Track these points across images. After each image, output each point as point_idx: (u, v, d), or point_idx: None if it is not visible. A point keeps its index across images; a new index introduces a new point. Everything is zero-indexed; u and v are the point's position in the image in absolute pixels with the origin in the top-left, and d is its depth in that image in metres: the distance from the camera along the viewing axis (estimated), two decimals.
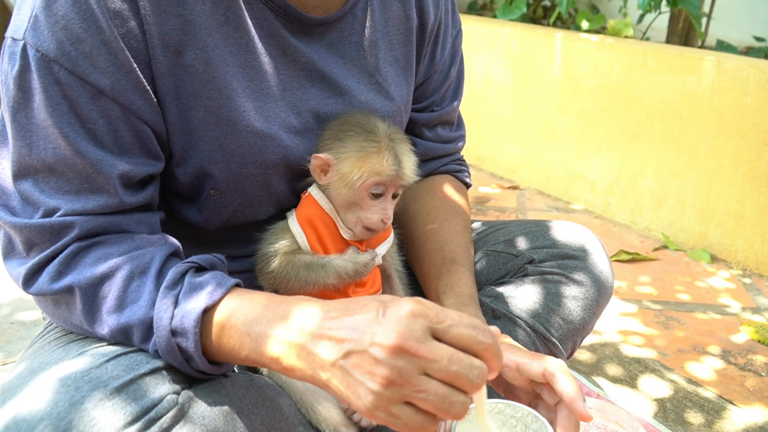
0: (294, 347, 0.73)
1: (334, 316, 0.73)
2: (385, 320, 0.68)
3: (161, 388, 0.78)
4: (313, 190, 1.03)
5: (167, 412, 0.76)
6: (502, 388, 0.92)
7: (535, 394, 0.88)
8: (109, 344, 0.83)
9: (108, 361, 0.78)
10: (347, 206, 1.00)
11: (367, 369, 0.67)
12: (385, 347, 0.67)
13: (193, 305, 0.78)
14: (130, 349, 0.81)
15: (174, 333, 0.78)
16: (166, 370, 0.81)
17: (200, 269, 0.85)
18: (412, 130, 1.25)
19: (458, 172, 1.31)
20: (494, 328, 0.74)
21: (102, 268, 0.81)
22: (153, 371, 0.79)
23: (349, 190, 0.98)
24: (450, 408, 0.67)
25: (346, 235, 1.02)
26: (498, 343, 0.71)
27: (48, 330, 0.95)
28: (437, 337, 0.69)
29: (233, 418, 0.84)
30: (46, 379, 0.75)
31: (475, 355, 0.69)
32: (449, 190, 1.25)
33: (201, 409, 0.81)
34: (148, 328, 0.80)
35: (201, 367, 0.81)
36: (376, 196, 0.99)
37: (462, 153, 1.35)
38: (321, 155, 0.97)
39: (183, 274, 0.82)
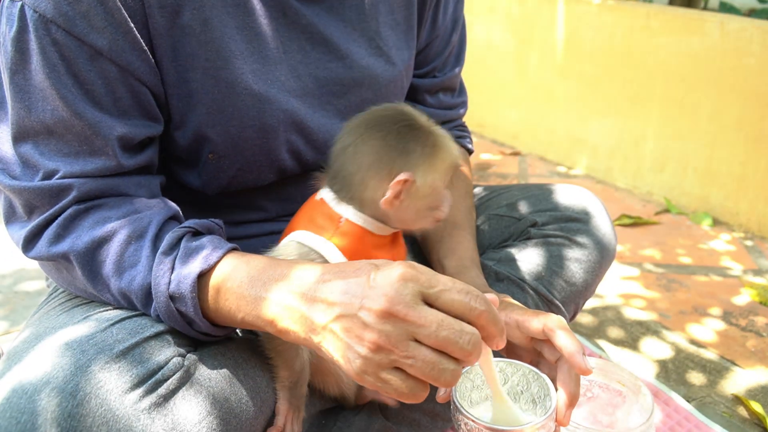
0: (288, 310, 0.73)
1: (327, 279, 0.72)
2: (376, 284, 0.68)
3: (166, 350, 0.79)
4: (348, 213, 0.87)
5: (173, 375, 0.77)
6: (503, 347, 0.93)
7: (537, 353, 0.89)
8: (114, 308, 0.84)
9: (113, 325, 0.78)
10: (420, 216, 0.89)
11: (356, 333, 0.67)
12: (374, 311, 0.66)
13: (189, 270, 0.78)
14: (134, 313, 0.82)
15: (172, 298, 0.79)
16: (170, 334, 0.81)
17: (197, 234, 0.85)
18: (414, 96, 1.23)
19: (460, 138, 1.30)
20: (492, 296, 0.72)
21: (100, 231, 0.81)
22: (158, 334, 0.80)
23: (432, 197, 0.87)
24: (439, 375, 0.66)
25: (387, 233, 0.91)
26: (494, 310, 0.69)
27: (53, 296, 0.95)
28: (429, 303, 0.68)
29: (239, 380, 0.85)
30: (52, 343, 0.75)
31: (469, 322, 0.68)
32: None
33: (206, 371, 0.82)
34: (147, 293, 0.80)
35: (204, 329, 0.81)
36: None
37: (463, 119, 1.34)
38: (402, 177, 0.82)
39: (179, 239, 0.82)
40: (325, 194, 0.89)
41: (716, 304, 1.87)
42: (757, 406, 1.39)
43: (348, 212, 0.87)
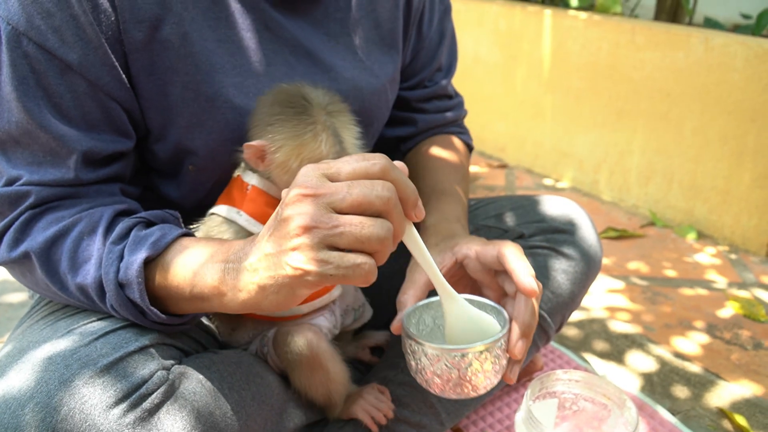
0: (228, 271, 0.73)
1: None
2: (284, 200, 0.68)
3: (151, 365, 0.78)
4: (253, 180, 0.94)
5: (157, 389, 0.77)
6: (469, 288, 0.92)
7: (501, 291, 0.88)
8: (97, 320, 0.83)
9: (96, 339, 0.78)
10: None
11: (281, 234, 0.66)
12: (287, 203, 0.66)
13: (136, 256, 0.78)
14: (118, 326, 0.81)
15: (122, 286, 0.78)
16: (154, 348, 0.81)
17: (151, 225, 0.85)
18: (409, 105, 1.25)
19: (460, 134, 1.32)
20: (399, 163, 0.71)
21: (53, 230, 0.81)
22: (142, 349, 0.79)
23: (291, 177, 0.88)
24: (371, 233, 0.64)
25: None
26: (398, 170, 0.68)
27: (36, 310, 0.95)
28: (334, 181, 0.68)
29: (224, 394, 0.84)
30: (35, 358, 0.75)
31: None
32: (449, 143, 1.26)
33: (191, 385, 0.82)
34: (100, 286, 0.79)
35: (155, 318, 0.81)
36: None
37: None
38: (253, 143, 0.89)
39: (130, 229, 0.82)
40: (240, 169, 0.97)
41: (701, 318, 1.88)
42: (741, 420, 1.40)
43: (253, 179, 0.94)
